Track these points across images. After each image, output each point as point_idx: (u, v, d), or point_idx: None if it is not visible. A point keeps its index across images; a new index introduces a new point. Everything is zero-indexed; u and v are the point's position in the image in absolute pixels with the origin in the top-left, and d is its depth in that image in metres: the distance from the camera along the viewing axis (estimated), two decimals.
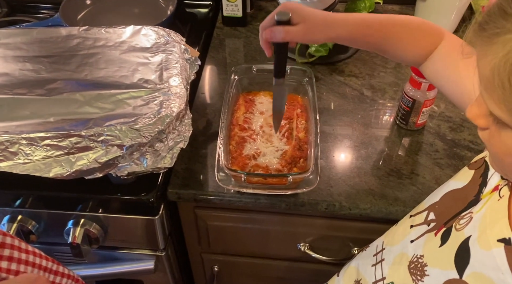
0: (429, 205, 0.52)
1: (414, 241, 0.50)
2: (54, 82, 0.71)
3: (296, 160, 0.70)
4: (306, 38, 0.58)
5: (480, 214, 0.44)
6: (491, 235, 0.41)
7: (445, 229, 0.47)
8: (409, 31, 0.59)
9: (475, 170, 0.50)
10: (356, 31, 0.58)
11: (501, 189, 0.44)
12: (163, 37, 0.78)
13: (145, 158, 0.64)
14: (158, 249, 0.76)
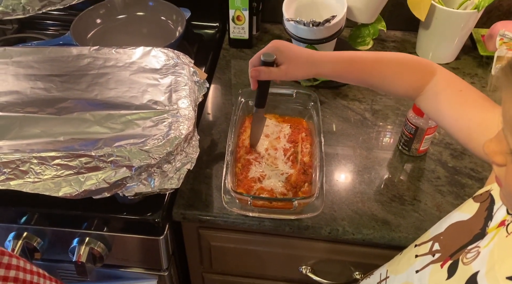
0: (434, 236, 0.53)
1: (420, 271, 0.51)
2: (64, 102, 0.72)
3: (301, 184, 0.71)
4: (288, 76, 0.63)
5: (488, 249, 0.45)
6: (499, 272, 0.42)
7: (452, 261, 0.48)
8: (394, 68, 0.62)
9: (480, 203, 0.51)
10: (339, 68, 0.62)
11: (508, 224, 0.45)
12: (173, 59, 0.79)
13: (153, 178, 0.65)
14: (161, 268, 0.76)
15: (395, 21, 1.05)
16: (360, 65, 0.62)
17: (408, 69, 0.62)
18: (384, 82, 0.63)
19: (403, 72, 0.62)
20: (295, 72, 0.63)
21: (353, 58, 0.62)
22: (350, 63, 0.62)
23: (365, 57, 0.62)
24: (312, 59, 0.62)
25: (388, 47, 1.05)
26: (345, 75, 0.63)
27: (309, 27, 0.82)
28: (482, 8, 0.86)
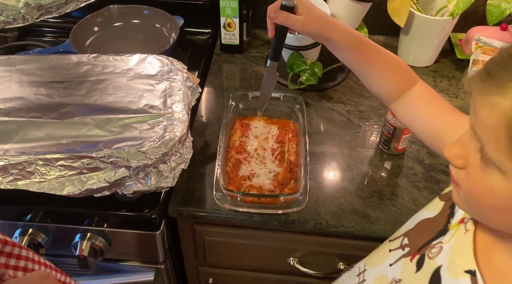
0: (405, 232, 0.58)
1: (393, 264, 0.56)
2: (66, 107, 0.77)
3: (287, 181, 0.76)
4: (304, 29, 0.62)
5: (449, 245, 0.50)
6: (459, 266, 0.47)
7: (419, 256, 0.53)
8: (390, 65, 0.65)
9: (445, 202, 0.56)
10: (349, 41, 0.63)
11: (467, 222, 0.50)
12: (167, 65, 0.85)
13: (150, 177, 0.70)
14: (158, 262, 0.81)
15: (378, 26, 1.11)
16: (367, 49, 0.63)
17: (401, 70, 0.66)
18: (377, 74, 0.65)
19: (397, 72, 0.65)
20: (311, 26, 0.62)
21: (363, 40, 0.64)
22: (361, 42, 0.63)
23: (371, 44, 0.64)
24: (330, 20, 0.63)
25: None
26: (350, 50, 0.63)
27: (295, 35, 0.88)
28: (456, 16, 0.92)
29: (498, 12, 0.88)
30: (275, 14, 0.62)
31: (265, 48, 1.11)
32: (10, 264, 0.56)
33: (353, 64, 0.66)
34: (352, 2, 0.91)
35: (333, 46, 0.65)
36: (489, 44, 0.98)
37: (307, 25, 0.62)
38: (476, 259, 0.46)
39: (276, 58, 0.70)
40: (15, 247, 0.56)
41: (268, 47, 1.11)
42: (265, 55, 1.09)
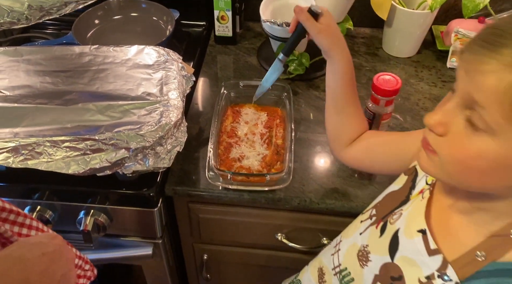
0: (374, 204, 0.66)
1: (362, 233, 0.63)
2: (70, 94, 0.84)
3: (274, 163, 0.83)
4: (317, 36, 0.69)
5: (407, 211, 0.57)
6: (413, 227, 0.54)
7: (383, 223, 0.60)
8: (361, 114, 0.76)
9: (408, 176, 0.63)
10: (347, 70, 0.71)
11: (424, 192, 0.57)
12: (163, 56, 0.91)
13: (147, 159, 0.77)
14: (156, 237, 0.88)
15: (364, 19, 1.17)
16: (353, 86, 0.72)
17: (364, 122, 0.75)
18: (354, 116, 0.73)
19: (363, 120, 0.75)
20: (324, 36, 0.69)
21: (354, 79, 0.72)
22: (353, 78, 0.72)
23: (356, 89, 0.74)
24: (342, 41, 0.70)
25: (358, 43, 1.16)
26: (343, 77, 0.71)
27: (283, 27, 0.94)
28: (434, 9, 0.98)
29: (472, 6, 0.94)
30: (300, 11, 0.69)
31: (257, 40, 1.17)
32: (22, 233, 0.63)
33: (338, 92, 0.72)
34: None
35: (332, 65, 0.71)
36: (467, 36, 1.04)
37: (321, 34, 0.69)
38: (427, 221, 0.53)
39: (288, 53, 0.79)
40: (26, 218, 0.62)
41: (260, 39, 1.17)
42: (257, 46, 1.15)
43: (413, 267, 0.53)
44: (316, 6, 0.70)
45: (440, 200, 0.55)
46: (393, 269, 0.55)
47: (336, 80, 0.72)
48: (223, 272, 1.06)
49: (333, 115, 0.75)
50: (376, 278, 0.58)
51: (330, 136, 0.78)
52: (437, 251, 0.51)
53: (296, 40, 0.76)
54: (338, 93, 0.72)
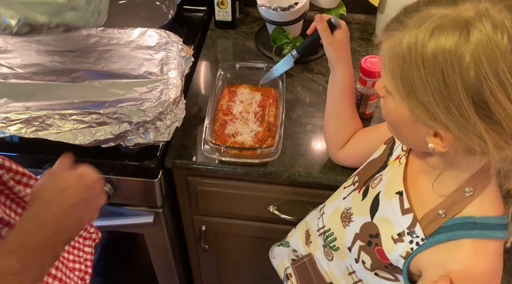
0: (357, 172, 0.72)
1: (345, 198, 0.70)
2: (77, 72, 0.90)
3: (266, 138, 0.89)
4: (328, 46, 0.77)
5: (387, 176, 0.64)
6: (392, 189, 0.61)
7: (365, 187, 0.67)
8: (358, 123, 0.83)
9: (386, 145, 0.69)
10: (348, 84, 0.79)
11: (401, 158, 0.63)
12: (164, 38, 0.97)
13: (148, 132, 0.83)
14: (156, 206, 0.95)
15: (359, 6, 1.21)
16: (352, 98, 0.81)
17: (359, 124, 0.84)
18: (346, 121, 0.81)
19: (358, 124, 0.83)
20: (334, 48, 0.77)
21: (353, 93, 0.82)
22: (352, 92, 0.80)
23: (354, 102, 0.83)
24: (348, 56, 0.79)
25: (352, 28, 1.21)
26: (344, 87, 0.79)
27: (277, 12, 0.99)
28: None
29: None
30: (320, 20, 0.77)
31: (256, 25, 1.22)
32: None
33: (337, 100, 0.80)
34: None
35: (335, 76, 0.79)
36: None
37: (332, 45, 0.77)
38: (404, 184, 0.60)
39: (302, 53, 0.89)
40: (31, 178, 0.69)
41: (258, 23, 1.22)
42: (255, 31, 1.20)
43: (388, 225, 0.60)
44: (336, 19, 0.77)
45: (413, 164, 0.62)
46: (372, 228, 0.62)
47: (336, 91, 0.80)
48: (220, 243, 1.13)
49: (331, 121, 0.82)
50: (357, 236, 0.65)
51: (327, 140, 0.86)
52: (409, 210, 0.58)
53: (310, 43, 0.85)
54: (337, 102, 0.80)
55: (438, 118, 0.46)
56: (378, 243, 0.61)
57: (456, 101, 0.44)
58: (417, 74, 0.46)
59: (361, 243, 0.64)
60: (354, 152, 0.81)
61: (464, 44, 0.43)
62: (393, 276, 0.63)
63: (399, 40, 0.47)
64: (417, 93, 0.47)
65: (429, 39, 0.44)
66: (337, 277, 0.72)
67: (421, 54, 0.45)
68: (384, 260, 0.61)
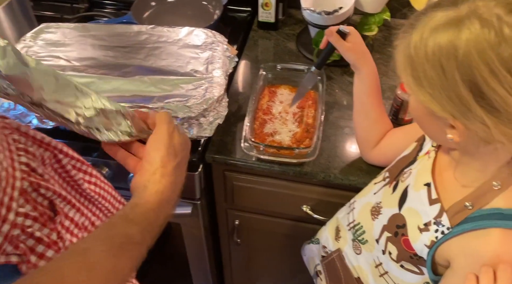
0: (388, 168, 0.74)
1: (376, 193, 0.72)
2: (128, 67, 0.95)
3: (303, 139, 0.91)
4: (346, 53, 0.80)
5: (416, 169, 0.66)
6: (420, 181, 0.63)
7: (395, 182, 0.69)
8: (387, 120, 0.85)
9: (417, 142, 0.72)
10: (373, 80, 0.81)
11: (430, 152, 0.66)
12: (210, 37, 1.00)
13: (192, 128, 0.87)
14: (195, 198, 0.99)
15: (402, 11, 1.21)
16: (379, 94, 0.82)
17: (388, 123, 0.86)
18: (375, 119, 0.83)
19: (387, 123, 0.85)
20: (352, 53, 0.79)
21: (379, 88, 0.82)
22: (378, 87, 0.82)
23: (381, 97, 0.84)
24: (368, 56, 0.81)
25: (394, 33, 1.21)
26: (369, 86, 0.81)
27: (321, 15, 1.01)
28: None
29: None
30: (331, 33, 0.80)
31: (297, 27, 1.25)
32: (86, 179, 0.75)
33: (365, 99, 0.83)
34: None
35: (360, 76, 0.82)
36: None
37: (349, 51, 0.80)
38: (432, 176, 0.62)
39: (320, 67, 0.89)
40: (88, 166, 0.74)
41: (300, 25, 1.25)
42: (297, 33, 1.23)
43: (415, 216, 0.63)
44: (344, 27, 0.79)
45: (441, 159, 0.64)
46: (399, 219, 0.65)
47: (363, 89, 0.82)
48: (251, 238, 1.17)
49: (361, 120, 0.85)
50: (384, 228, 0.67)
51: (358, 139, 0.88)
52: (437, 200, 0.60)
53: (326, 56, 0.87)
54: (365, 100, 0.83)
55: (445, 108, 0.51)
56: (405, 233, 0.64)
57: (456, 92, 0.49)
58: (422, 70, 0.50)
59: (388, 234, 0.67)
60: (386, 151, 0.83)
61: (457, 40, 0.47)
62: (418, 268, 0.65)
63: (408, 41, 0.52)
64: (425, 87, 0.51)
65: (429, 37, 0.49)
66: (364, 271, 0.74)
67: (424, 51, 0.50)
68: (409, 250, 0.63)
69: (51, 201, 0.59)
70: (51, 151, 0.63)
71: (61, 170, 0.67)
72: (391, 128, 0.85)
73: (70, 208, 0.62)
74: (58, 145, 0.66)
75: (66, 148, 0.70)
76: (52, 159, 0.63)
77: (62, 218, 0.60)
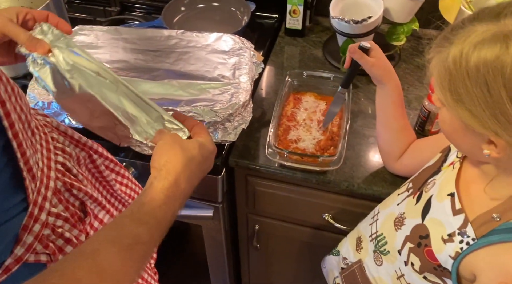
0: (411, 179, 0.73)
1: (400, 204, 0.72)
2: (157, 71, 0.97)
3: (328, 148, 0.91)
4: (371, 69, 0.80)
5: (440, 180, 0.66)
6: (444, 192, 0.63)
7: (419, 192, 0.69)
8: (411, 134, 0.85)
9: (442, 153, 0.71)
10: (397, 95, 0.81)
11: (455, 163, 0.66)
12: (238, 44, 1.02)
13: (217, 132, 0.88)
14: (217, 201, 1.01)
15: (431, 21, 1.20)
16: (403, 108, 0.82)
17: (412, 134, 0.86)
18: (398, 131, 0.83)
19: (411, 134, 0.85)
20: (377, 69, 0.79)
21: (403, 102, 0.82)
22: (401, 101, 0.82)
23: (405, 111, 0.84)
24: (392, 70, 0.81)
25: (423, 43, 1.20)
26: (394, 100, 0.81)
27: (350, 24, 1.01)
28: None
29: None
30: (354, 51, 0.80)
31: (324, 34, 1.25)
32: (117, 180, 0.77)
33: (388, 112, 0.83)
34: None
35: (384, 90, 0.81)
36: None
37: (374, 67, 0.80)
38: (457, 187, 0.62)
39: (346, 86, 0.89)
40: (122, 168, 0.77)
41: (327, 33, 1.25)
42: (324, 40, 1.23)
43: (439, 226, 0.62)
44: (365, 43, 0.79)
45: (467, 170, 0.64)
46: (422, 229, 0.64)
47: (387, 103, 0.82)
48: (271, 243, 1.17)
49: (384, 132, 0.85)
50: (407, 238, 0.67)
51: (382, 151, 0.88)
52: (461, 211, 0.59)
53: (351, 74, 0.87)
54: (389, 113, 0.83)
55: (487, 125, 0.50)
56: (428, 244, 0.63)
57: (502, 109, 0.47)
58: (463, 86, 0.49)
59: (411, 245, 0.66)
60: (410, 163, 0.82)
61: (505, 56, 0.46)
62: (442, 280, 0.64)
63: (446, 55, 0.51)
64: (465, 103, 0.50)
65: (472, 52, 0.48)
66: (384, 282, 0.74)
67: (465, 67, 0.49)
68: (433, 261, 0.63)
69: (82, 202, 0.61)
70: (87, 151, 0.65)
71: (95, 170, 0.69)
72: (414, 139, 0.84)
73: (100, 209, 0.64)
74: (93, 145, 0.68)
75: (101, 148, 0.72)
76: (87, 159, 0.65)
77: (91, 219, 0.62)
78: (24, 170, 0.47)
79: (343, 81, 0.89)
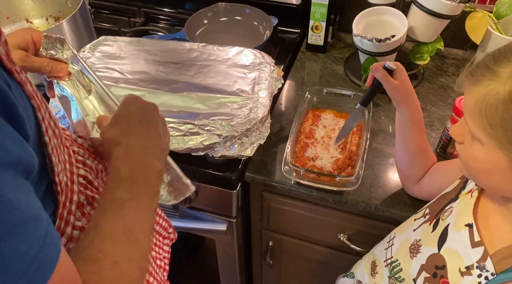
0: (428, 205, 0.71)
1: (416, 230, 0.69)
2: (177, 83, 0.98)
3: (346, 167, 0.90)
4: (392, 91, 0.78)
5: (457, 208, 0.63)
6: (461, 221, 0.60)
7: (435, 220, 0.66)
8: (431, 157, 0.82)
9: (461, 179, 0.68)
10: (417, 119, 0.78)
11: (473, 191, 0.63)
12: (259, 58, 1.02)
13: (234, 146, 0.88)
14: (231, 216, 1.00)
15: (457, 41, 1.18)
16: (422, 132, 0.80)
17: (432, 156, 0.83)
18: (417, 155, 0.80)
19: (431, 157, 0.82)
20: (399, 91, 0.77)
21: (423, 127, 0.80)
22: (422, 125, 0.79)
23: (425, 134, 0.81)
24: (413, 94, 0.78)
25: (447, 63, 1.17)
26: (413, 123, 0.78)
27: (373, 43, 0.99)
28: None
29: None
30: (377, 69, 0.78)
31: (346, 50, 1.24)
32: None
33: (407, 135, 0.80)
34: (430, 17, 0.99)
35: (403, 113, 0.79)
36: None
37: (396, 89, 0.77)
38: (474, 217, 0.59)
39: (365, 104, 0.87)
40: None
41: (349, 49, 1.24)
42: (345, 56, 1.22)
43: (456, 257, 0.59)
44: (390, 63, 0.77)
45: (486, 200, 0.61)
46: (438, 259, 0.62)
47: (406, 126, 0.80)
48: (284, 261, 1.15)
49: (402, 155, 0.82)
50: (422, 267, 0.64)
51: (401, 174, 0.86)
52: (480, 243, 0.57)
53: (372, 93, 0.85)
54: (408, 136, 0.80)
55: None
56: (444, 275, 0.60)
57: None
58: None
59: (427, 274, 0.64)
60: (430, 186, 0.80)
61: None
62: None
63: (496, 90, 0.48)
64: None
65: None
66: None
67: None
68: None
69: None
70: (103, 163, 0.65)
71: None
72: (435, 162, 0.82)
73: None
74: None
75: None
76: (104, 171, 0.65)
77: None
78: (58, 184, 0.47)
79: (362, 99, 0.87)
